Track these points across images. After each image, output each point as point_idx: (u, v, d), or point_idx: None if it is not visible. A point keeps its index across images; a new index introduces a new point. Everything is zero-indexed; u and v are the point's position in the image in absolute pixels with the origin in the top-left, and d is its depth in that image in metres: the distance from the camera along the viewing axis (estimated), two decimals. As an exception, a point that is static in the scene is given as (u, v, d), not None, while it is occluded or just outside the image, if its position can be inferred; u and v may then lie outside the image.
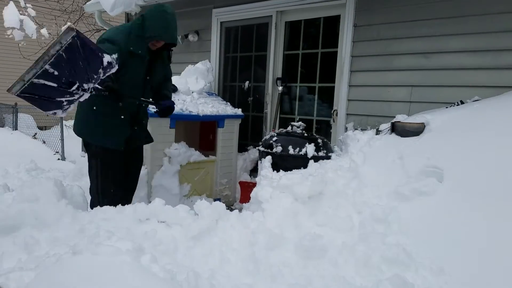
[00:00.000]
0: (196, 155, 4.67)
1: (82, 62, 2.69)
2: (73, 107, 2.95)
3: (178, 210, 2.62)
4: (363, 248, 2.39)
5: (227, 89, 5.80)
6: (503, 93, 3.23)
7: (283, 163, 3.51)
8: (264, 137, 3.93)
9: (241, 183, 4.83)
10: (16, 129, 10.71)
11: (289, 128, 3.85)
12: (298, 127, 3.82)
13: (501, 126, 2.71)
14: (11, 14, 5.62)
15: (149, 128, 4.26)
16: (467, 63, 3.62)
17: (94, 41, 3.06)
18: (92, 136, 3.35)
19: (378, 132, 3.49)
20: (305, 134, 3.76)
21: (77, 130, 3.42)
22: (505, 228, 2.20)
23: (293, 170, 3.27)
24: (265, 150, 3.73)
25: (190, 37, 5.76)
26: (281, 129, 3.88)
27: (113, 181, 3.43)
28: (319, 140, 3.68)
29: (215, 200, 4.02)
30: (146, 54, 3.26)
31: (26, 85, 2.59)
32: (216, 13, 5.53)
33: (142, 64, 3.27)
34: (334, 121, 4.51)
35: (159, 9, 3.22)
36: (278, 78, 5.01)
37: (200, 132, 5.33)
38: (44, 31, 7.84)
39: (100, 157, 3.36)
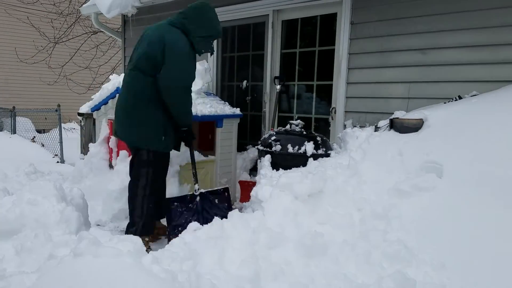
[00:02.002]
0: (195, 155, 4.66)
1: None
2: None
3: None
4: (364, 245, 2.39)
5: (225, 89, 5.80)
6: (500, 88, 3.23)
7: (282, 162, 3.50)
8: (263, 136, 3.93)
9: (241, 182, 4.83)
10: (14, 132, 10.69)
11: (288, 126, 3.85)
12: (297, 126, 3.82)
13: (500, 121, 2.71)
14: None
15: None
16: (465, 58, 3.62)
17: (93, 43, 3.08)
18: (151, 143, 3.33)
19: (376, 129, 3.49)
20: (304, 132, 3.76)
21: (134, 138, 3.37)
22: (505, 222, 2.21)
23: (293, 168, 3.26)
24: (264, 149, 3.73)
25: (187, 38, 5.75)
26: (279, 127, 3.88)
27: (162, 182, 3.61)
28: (318, 138, 3.68)
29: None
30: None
31: None
32: (213, 13, 5.53)
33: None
34: (332, 119, 4.51)
35: (206, 5, 3.40)
36: (276, 77, 5.01)
37: (199, 132, 5.32)
38: None
39: (155, 162, 3.38)
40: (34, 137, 10.34)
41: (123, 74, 5.11)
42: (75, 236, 2.78)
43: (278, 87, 4.95)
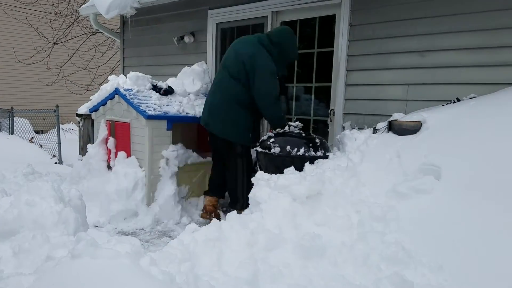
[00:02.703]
0: (193, 157, 4.66)
1: None
2: None
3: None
4: (362, 247, 2.40)
5: (223, 90, 5.79)
6: (499, 90, 3.24)
7: (280, 164, 3.50)
8: (262, 138, 3.93)
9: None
10: (12, 133, 10.68)
11: (286, 128, 3.85)
12: (295, 127, 3.82)
13: (498, 123, 2.72)
14: None
15: (146, 130, 4.27)
16: (463, 60, 3.63)
17: (92, 43, 3.08)
18: (245, 140, 4.11)
19: (375, 130, 3.50)
20: (303, 134, 3.76)
21: (232, 135, 4.07)
22: (503, 225, 2.21)
23: (291, 170, 3.26)
24: (263, 150, 3.73)
25: (186, 39, 5.76)
26: (278, 129, 3.88)
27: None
28: (317, 140, 3.68)
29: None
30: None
31: None
32: (212, 14, 5.53)
33: None
34: (331, 121, 4.52)
35: (290, 33, 4.07)
36: (274, 79, 5.01)
37: (198, 134, 5.32)
38: None
39: (247, 153, 4.16)
40: (32, 137, 10.32)
41: (122, 75, 5.12)
42: (73, 238, 2.78)
43: (277, 88, 4.95)
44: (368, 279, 2.21)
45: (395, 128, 3.26)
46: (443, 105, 3.45)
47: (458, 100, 3.45)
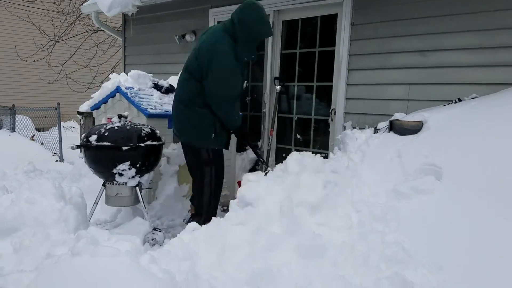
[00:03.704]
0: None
1: None
2: None
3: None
4: (362, 247, 2.39)
5: (225, 89, 5.79)
6: (500, 91, 3.23)
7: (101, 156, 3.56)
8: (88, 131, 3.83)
9: (239, 183, 4.83)
10: (14, 130, 10.69)
11: (116, 118, 3.83)
12: (125, 118, 3.81)
13: (499, 124, 2.71)
14: None
15: (147, 128, 4.26)
16: (465, 60, 3.62)
17: (93, 41, 3.11)
18: (209, 142, 3.60)
19: (376, 130, 3.49)
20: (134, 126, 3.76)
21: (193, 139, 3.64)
22: (503, 225, 2.21)
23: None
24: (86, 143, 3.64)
25: (188, 37, 5.76)
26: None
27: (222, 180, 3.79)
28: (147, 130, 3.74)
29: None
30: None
31: None
32: (213, 13, 5.53)
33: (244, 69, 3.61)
34: (332, 120, 4.51)
35: (253, 7, 3.43)
36: (275, 78, 5.01)
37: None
38: None
39: (215, 163, 3.66)
40: (34, 135, 10.34)
41: (123, 73, 5.11)
42: (73, 235, 2.78)
43: (278, 87, 4.95)
44: (368, 279, 2.20)
45: (396, 128, 3.26)
46: (444, 105, 3.45)
47: (460, 100, 3.45)
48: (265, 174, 3.22)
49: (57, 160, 8.26)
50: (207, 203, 3.66)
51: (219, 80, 3.39)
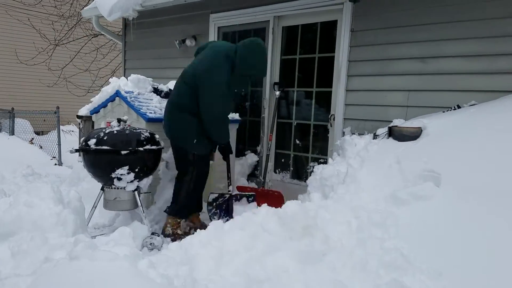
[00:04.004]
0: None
1: None
2: None
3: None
4: (361, 253, 2.39)
5: (224, 94, 5.80)
6: (499, 98, 3.24)
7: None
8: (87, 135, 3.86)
9: (238, 188, 4.82)
10: (13, 134, 10.68)
11: (115, 122, 3.86)
12: (125, 122, 3.84)
13: (498, 130, 2.72)
14: None
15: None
16: (464, 68, 3.63)
17: (93, 45, 3.11)
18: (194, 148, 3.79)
19: (375, 136, 3.50)
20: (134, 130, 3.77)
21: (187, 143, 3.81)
22: (502, 231, 2.21)
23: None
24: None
25: (188, 42, 5.77)
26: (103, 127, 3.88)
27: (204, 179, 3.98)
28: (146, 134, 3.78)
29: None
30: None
31: None
32: (214, 18, 5.55)
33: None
34: (331, 126, 4.52)
35: (259, 48, 3.69)
36: (275, 83, 5.02)
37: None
38: None
39: (198, 165, 3.84)
40: (33, 138, 10.33)
41: (123, 77, 5.12)
42: (72, 239, 2.77)
43: (278, 93, 4.96)
44: (367, 285, 2.20)
45: (395, 134, 3.26)
46: (443, 112, 3.45)
47: (459, 107, 3.46)
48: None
49: (56, 164, 8.25)
50: (183, 196, 3.84)
51: (210, 105, 3.64)
